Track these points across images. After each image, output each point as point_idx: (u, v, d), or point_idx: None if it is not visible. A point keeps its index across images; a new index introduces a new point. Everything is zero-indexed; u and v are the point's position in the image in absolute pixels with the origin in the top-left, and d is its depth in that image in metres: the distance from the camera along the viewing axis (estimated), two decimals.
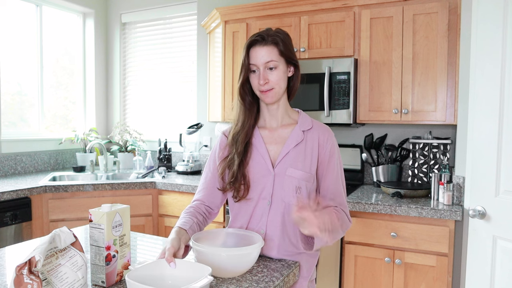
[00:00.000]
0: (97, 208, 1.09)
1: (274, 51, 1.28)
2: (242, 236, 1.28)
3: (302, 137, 1.33)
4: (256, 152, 1.35)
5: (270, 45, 1.28)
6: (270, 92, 1.29)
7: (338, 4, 2.55)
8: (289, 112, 1.40)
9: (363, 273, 2.26)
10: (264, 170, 1.33)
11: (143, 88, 3.86)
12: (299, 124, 1.36)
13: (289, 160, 1.32)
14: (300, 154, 1.32)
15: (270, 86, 1.29)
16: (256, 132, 1.37)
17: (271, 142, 1.36)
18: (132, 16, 3.83)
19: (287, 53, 1.30)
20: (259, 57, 1.28)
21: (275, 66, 1.28)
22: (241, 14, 2.84)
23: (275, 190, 1.32)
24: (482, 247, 1.80)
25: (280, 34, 1.31)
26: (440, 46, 2.31)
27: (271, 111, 1.37)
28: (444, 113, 2.33)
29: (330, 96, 2.50)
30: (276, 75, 1.28)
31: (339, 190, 1.34)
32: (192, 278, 0.99)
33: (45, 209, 2.62)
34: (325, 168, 1.33)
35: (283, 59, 1.30)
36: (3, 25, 3.18)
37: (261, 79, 1.27)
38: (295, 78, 1.37)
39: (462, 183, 2.13)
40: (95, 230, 1.06)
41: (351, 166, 2.81)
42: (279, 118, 1.38)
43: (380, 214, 2.20)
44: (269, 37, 1.28)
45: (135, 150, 3.59)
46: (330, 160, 1.33)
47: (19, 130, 3.32)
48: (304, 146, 1.33)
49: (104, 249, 1.06)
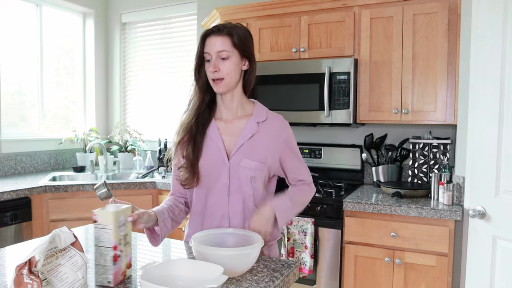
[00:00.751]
0: (100, 209, 1.09)
1: (227, 42, 1.32)
2: (242, 236, 1.28)
3: (257, 129, 1.39)
4: (211, 142, 1.39)
5: (224, 36, 1.32)
6: (220, 82, 1.34)
7: (338, 4, 2.55)
8: (245, 104, 1.44)
9: (363, 273, 2.26)
10: (219, 161, 1.37)
11: (143, 88, 3.86)
12: (254, 116, 1.41)
13: (243, 151, 1.37)
14: (255, 145, 1.37)
15: (221, 75, 1.33)
16: (212, 123, 1.41)
17: (226, 134, 1.40)
18: (132, 16, 3.83)
19: (241, 45, 1.34)
20: (212, 46, 1.32)
21: (227, 56, 1.32)
22: (241, 14, 2.84)
23: (231, 180, 1.37)
24: (482, 247, 1.80)
25: (237, 28, 1.36)
26: (440, 46, 2.31)
27: (226, 102, 1.41)
28: (444, 113, 2.33)
29: (330, 96, 2.50)
30: (227, 66, 1.33)
31: (299, 168, 1.48)
32: (202, 277, 0.99)
33: (45, 209, 2.62)
34: (286, 155, 1.43)
35: (236, 51, 1.34)
36: (3, 25, 3.18)
37: (212, 66, 1.32)
38: (250, 72, 1.41)
39: (462, 183, 2.13)
40: (101, 230, 1.06)
41: (351, 166, 2.81)
42: (234, 110, 1.42)
43: (380, 214, 2.20)
44: (225, 29, 1.33)
45: (135, 150, 3.59)
46: (289, 148, 1.44)
47: (19, 130, 3.32)
48: (258, 137, 1.38)
49: (111, 249, 1.06)
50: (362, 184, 2.81)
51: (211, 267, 1.01)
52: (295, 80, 2.60)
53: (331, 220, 2.29)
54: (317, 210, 2.31)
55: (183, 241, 1.49)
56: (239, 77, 1.38)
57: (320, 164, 2.88)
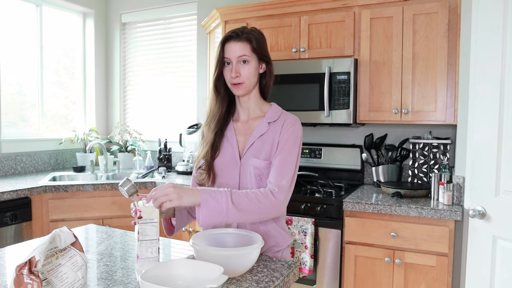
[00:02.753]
0: (136, 205, 1.16)
1: (247, 47, 1.36)
2: (242, 236, 1.28)
3: (267, 128, 1.41)
4: (227, 142, 1.44)
5: (243, 41, 1.36)
6: (240, 86, 1.38)
7: (338, 4, 2.55)
8: (261, 106, 1.47)
9: (363, 273, 2.26)
10: (232, 161, 1.42)
11: (143, 88, 3.86)
12: (266, 117, 1.43)
13: (253, 150, 1.40)
14: (263, 144, 1.40)
15: (241, 80, 1.37)
16: (230, 124, 1.47)
17: (241, 134, 1.45)
18: (132, 16, 3.83)
19: (259, 50, 1.39)
20: (233, 51, 1.36)
21: (247, 61, 1.37)
22: (241, 14, 2.84)
23: (241, 179, 1.41)
24: (482, 247, 1.80)
25: (254, 32, 1.40)
26: (440, 46, 2.31)
27: (243, 103, 1.46)
28: (444, 113, 2.33)
29: (330, 96, 2.50)
30: (247, 70, 1.37)
31: (280, 168, 1.33)
32: (202, 277, 0.99)
33: (45, 209, 2.62)
34: (279, 151, 1.36)
35: (255, 56, 1.38)
36: (3, 25, 3.18)
37: (233, 72, 1.36)
38: (267, 74, 1.45)
39: (462, 183, 2.13)
40: (147, 225, 1.14)
41: (351, 166, 2.81)
42: (250, 111, 1.46)
43: (380, 214, 2.20)
44: (244, 34, 1.37)
45: (135, 150, 3.59)
46: (283, 142, 1.37)
47: (19, 130, 3.32)
48: (267, 136, 1.41)
49: (157, 241, 1.16)
50: (362, 184, 2.81)
51: (211, 267, 1.01)
52: (295, 80, 2.60)
53: (331, 220, 2.29)
54: (317, 210, 2.31)
55: (183, 241, 1.50)
56: (257, 80, 1.42)
57: (320, 164, 2.88)
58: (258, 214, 1.28)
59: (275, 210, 1.30)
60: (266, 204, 1.27)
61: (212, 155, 1.43)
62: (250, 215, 1.26)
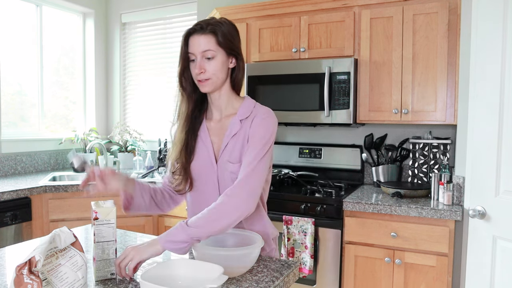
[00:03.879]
0: (94, 205, 1.12)
1: (211, 41, 1.26)
2: (242, 236, 1.28)
3: (239, 127, 1.31)
4: (201, 144, 1.35)
5: (208, 34, 1.26)
6: (206, 82, 1.28)
7: (338, 4, 2.55)
8: (233, 103, 1.37)
9: (363, 273, 2.26)
10: (208, 164, 1.33)
11: (143, 88, 3.86)
12: (238, 114, 1.33)
13: (227, 152, 1.31)
14: (236, 145, 1.30)
15: (207, 76, 1.27)
16: (203, 124, 1.38)
17: (215, 134, 1.36)
18: (132, 16, 3.83)
19: (226, 43, 1.28)
20: (196, 46, 1.26)
21: (212, 56, 1.27)
22: (241, 14, 2.84)
23: (220, 183, 1.32)
24: (482, 247, 1.80)
25: (221, 24, 1.28)
26: (440, 46, 2.31)
27: (214, 101, 1.36)
28: (444, 113, 2.33)
29: (330, 96, 2.50)
30: (213, 65, 1.27)
31: (243, 170, 1.24)
32: (202, 277, 0.99)
33: (45, 209, 2.62)
34: (248, 147, 1.27)
35: (222, 50, 1.28)
36: (3, 25, 3.18)
37: (197, 68, 1.27)
38: (238, 69, 1.34)
39: (462, 183, 2.13)
40: (104, 226, 1.11)
41: (351, 166, 2.81)
42: (221, 109, 1.36)
43: (380, 214, 2.20)
44: (208, 26, 1.26)
45: (135, 150, 3.59)
46: (251, 138, 1.28)
47: (19, 130, 3.32)
48: (239, 135, 1.30)
49: (113, 242, 1.12)
50: (362, 184, 2.81)
51: (211, 267, 1.01)
52: (295, 80, 2.60)
53: (331, 220, 2.29)
54: (317, 210, 2.31)
55: None
56: (226, 75, 1.32)
57: (320, 164, 2.88)
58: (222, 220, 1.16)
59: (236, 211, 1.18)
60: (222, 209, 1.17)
61: (187, 158, 1.33)
62: (215, 223, 1.15)
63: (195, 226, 1.13)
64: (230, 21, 1.32)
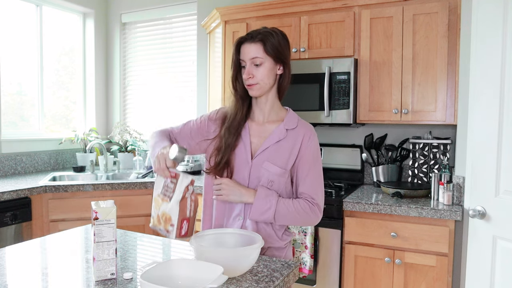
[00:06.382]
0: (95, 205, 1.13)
1: (260, 49, 1.37)
2: (242, 236, 1.29)
3: (285, 135, 1.42)
4: (240, 141, 1.45)
5: (257, 43, 1.37)
6: (254, 86, 1.39)
7: (338, 4, 2.55)
8: (277, 110, 1.47)
9: (363, 273, 2.26)
10: (243, 160, 1.43)
11: (143, 88, 3.86)
12: (285, 123, 1.44)
13: (267, 154, 1.41)
14: (280, 151, 1.41)
15: (255, 81, 1.39)
16: (246, 124, 1.47)
17: (255, 135, 1.45)
18: (132, 16, 3.83)
19: (274, 52, 1.37)
20: (246, 53, 1.38)
21: (260, 63, 1.37)
22: (241, 14, 2.84)
23: (250, 180, 1.41)
24: (482, 247, 1.80)
25: (271, 34, 1.38)
26: (440, 46, 2.31)
27: (259, 104, 1.46)
28: (444, 113, 2.33)
29: (330, 96, 2.50)
30: (261, 71, 1.38)
31: (313, 185, 1.42)
32: (202, 277, 0.99)
33: (45, 209, 2.62)
34: (303, 164, 1.42)
35: (269, 57, 1.38)
36: (3, 25, 3.18)
37: (245, 73, 1.39)
38: (284, 76, 1.44)
39: (462, 183, 2.13)
40: (104, 226, 1.12)
41: (351, 166, 2.81)
42: (266, 113, 1.46)
43: (380, 214, 2.20)
44: (258, 35, 1.37)
45: (135, 150, 3.59)
46: (308, 157, 1.42)
47: (19, 130, 3.32)
48: (285, 143, 1.42)
49: (113, 242, 1.13)
50: (362, 184, 2.81)
51: (211, 267, 1.01)
52: (295, 80, 2.60)
53: (331, 220, 2.29)
54: None
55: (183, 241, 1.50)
56: (273, 81, 1.42)
57: None
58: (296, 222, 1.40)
59: (313, 222, 1.41)
60: (309, 215, 1.39)
61: (225, 153, 1.44)
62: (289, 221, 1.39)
63: (279, 215, 1.36)
64: (280, 31, 1.43)
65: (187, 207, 1.23)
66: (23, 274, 1.15)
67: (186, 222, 1.24)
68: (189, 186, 1.24)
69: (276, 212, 1.35)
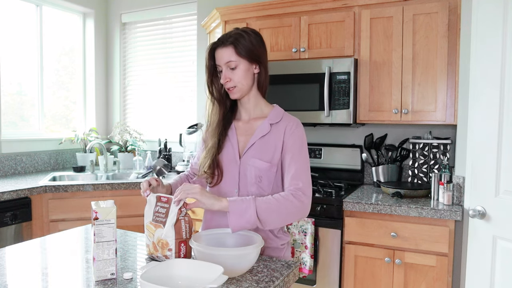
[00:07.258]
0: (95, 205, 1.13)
1: (232, 52, 1.37)
2: (242, 236, 1.28)
3: (269, 129, 1.42)
4: (228, 142, 1.47)
5: (228, 47, 1.38)
6: (234, 89, 1.41)
7: (338, 4, 2.55)
8: (262, 107, 1.49)
9: (363, 273, 2.26)
10: (232, 159, 1.44)
11: (143, 88, 3.86)
12: (269, 118, 1.45)
13: (253, 151, 1.41)
14: (265, 145, 1.41)
15: (233, 84, 1.40)
16: (232, 124, 1.50)
17: (242, 134, 1.47)
18: (132, 16, 3.83)
19: (247, 52, 1.38)
20: (219, 58, 1.40)
21: (235, 66, 1.38)
22: (241, 14, 2.84)
23: (241, 178, 1.42)
24: (482, 247, 1.80)
25: (242, 35, 1.38)
26: (440, 46, 2.31)
27: (243, 104, 1.48)
28: (444, 113, 2.33)
29: (330, 96, 2.50)
30: (237, 74, 1.39)
31: (300, 176, 1.36)
32: (202, 277, 0.99)
33: (45, 209, 2.62)
34: (287, 153, 1.40)
35: (242, 59, 1.38)
36: (3, 25, 3.18)
37: (222, 78, 1.40)
38: (261, 74, 1.45)
39: (462, 183, 2.13)
40: (104, 226, 1.12)
41: (351, 166, 2.81)
42: (250, 111, 1.48)
43: (380, 214, 2.20)
44: (229, 39, 1.38)
45: (135, 150, 3.59)
46: (292, 146, 1.40)
47: (19, 130, 3.32)
48: (269, 138, 1.42)
49: (114, 242, 1.13)
50: (362, 184, 2.81)
51: (211, 267, 1.01)
52: (295, 80, 2.60)
53: (331, 220, 2.29)
54: (317, 210, 2.31)
55: None
56: (252, 81, 1.43)
57: (320, 164, 2.88)
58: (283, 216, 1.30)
59: (300, 210, 1.32)
60: (293, 202, 1.30)
61: (215, 155, 1.46)
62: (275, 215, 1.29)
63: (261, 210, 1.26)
64: (253, 30, 1.43)
65: (182, 230, 1.23)
66: (23, 274, 1.15)
67: (183, 244, 1.23)
68: (182, 209, 1.24)
69: (258, 208, 1.25)
